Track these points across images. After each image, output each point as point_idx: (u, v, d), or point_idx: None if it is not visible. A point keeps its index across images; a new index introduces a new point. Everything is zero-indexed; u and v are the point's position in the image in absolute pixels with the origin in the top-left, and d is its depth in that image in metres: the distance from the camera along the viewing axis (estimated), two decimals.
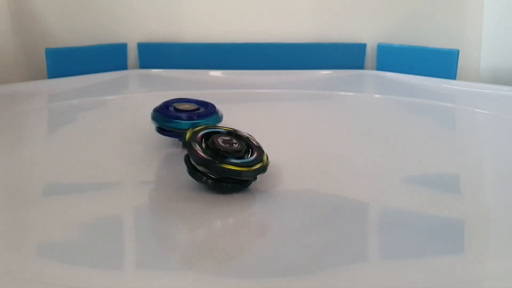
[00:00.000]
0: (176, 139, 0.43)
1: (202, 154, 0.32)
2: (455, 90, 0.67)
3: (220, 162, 0.32)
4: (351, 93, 0.67)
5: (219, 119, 0.42)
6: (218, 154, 0.33)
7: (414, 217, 0.32)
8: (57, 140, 0.48)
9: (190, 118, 0.41)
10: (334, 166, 0.40)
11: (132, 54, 0.76)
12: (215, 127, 0.36)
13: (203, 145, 0.33)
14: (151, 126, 0.43)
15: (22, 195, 0.35)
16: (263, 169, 0.34)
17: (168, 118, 0.41)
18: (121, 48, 0.76)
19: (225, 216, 0.32)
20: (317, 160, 0.41)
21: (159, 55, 0.77)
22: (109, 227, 0.31)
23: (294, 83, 0.72)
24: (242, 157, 0.33)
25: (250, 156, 0.34)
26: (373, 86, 0.75)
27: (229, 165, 0.32)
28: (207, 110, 0.42)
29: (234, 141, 0.34)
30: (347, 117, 0.56)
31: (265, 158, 0.34)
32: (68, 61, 0.71)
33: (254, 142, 0.35)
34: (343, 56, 0.77)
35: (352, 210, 0.33)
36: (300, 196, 0.35)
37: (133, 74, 0.75)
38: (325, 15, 0.78)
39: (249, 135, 0.36)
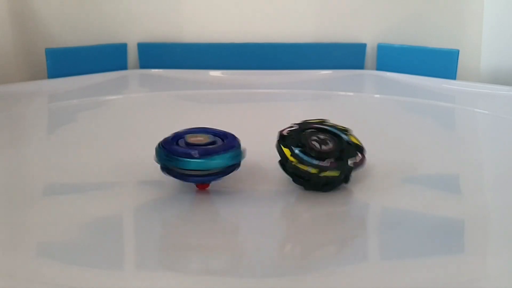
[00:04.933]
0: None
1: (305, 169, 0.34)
2: (455, 90, 0.66)
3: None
4: (351, 93, 0.67)
5: (238, 155, 0.34)
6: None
7: (414, 217, 0.32)
8: (57, 140, 0.48)
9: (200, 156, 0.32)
10: None
11: (132, 54, 0.76)
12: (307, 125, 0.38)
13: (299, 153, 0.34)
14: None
15: (22, 195, 0.35)
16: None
17: (171, 155, 0.33)
18: (121, 48, 0.76)
19: (222, 216, 0.32)
20: None
21: (159, 55, 0.77)
22: (108, 227, 0.31)
23: (294, 83, 0.72)
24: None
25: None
26: (373, 86, 0.75)
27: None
28: (224, 144, 0.34)
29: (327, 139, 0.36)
30: (347, 117, 0.56)
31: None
32: (68, 61, 0.71)
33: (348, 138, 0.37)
34: (343, 56, 0.77)
35: (352, 210, 0.33)
36: (300, 196, 0.35)
37: (133, 74, 0.75)
38: (325, 15, 0.78)
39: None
